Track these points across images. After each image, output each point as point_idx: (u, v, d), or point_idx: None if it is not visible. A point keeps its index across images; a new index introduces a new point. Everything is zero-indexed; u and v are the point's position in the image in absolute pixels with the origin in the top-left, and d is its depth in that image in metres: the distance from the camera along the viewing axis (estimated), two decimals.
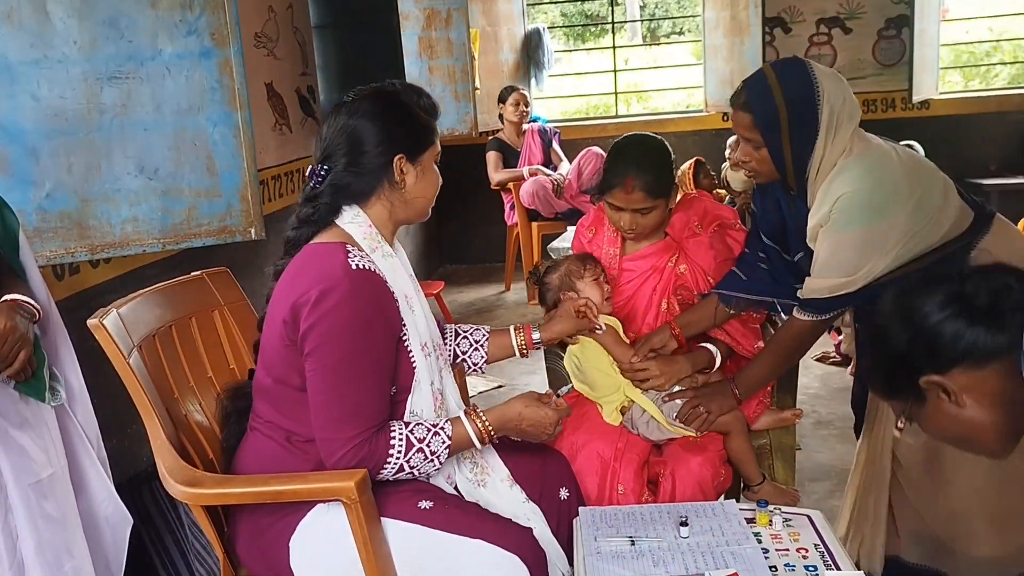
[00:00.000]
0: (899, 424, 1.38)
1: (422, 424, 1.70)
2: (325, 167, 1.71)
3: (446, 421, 1.72)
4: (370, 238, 1.71)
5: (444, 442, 1.68)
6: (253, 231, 2.43)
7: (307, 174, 1.74)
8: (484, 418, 1.74)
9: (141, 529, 2.32)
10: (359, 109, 1.70)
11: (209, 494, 1.68)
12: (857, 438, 2.12)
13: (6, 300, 1.64)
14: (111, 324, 1.69)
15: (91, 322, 1.68)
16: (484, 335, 2.08)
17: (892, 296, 1.33)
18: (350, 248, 1.64)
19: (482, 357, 2.07)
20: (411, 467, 1.66)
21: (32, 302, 1.68)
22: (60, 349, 1.81)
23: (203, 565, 2.49)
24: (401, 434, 1.66)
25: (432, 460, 1.67)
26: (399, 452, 1.64)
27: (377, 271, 1.65)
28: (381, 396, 1.66)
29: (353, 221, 1.71)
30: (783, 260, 2.10)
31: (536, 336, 2.06)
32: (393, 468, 1.65)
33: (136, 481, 2.43)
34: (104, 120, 2.21)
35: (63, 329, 1.83)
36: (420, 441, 1.66)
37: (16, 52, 2.11)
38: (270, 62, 3.77)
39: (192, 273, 2.04)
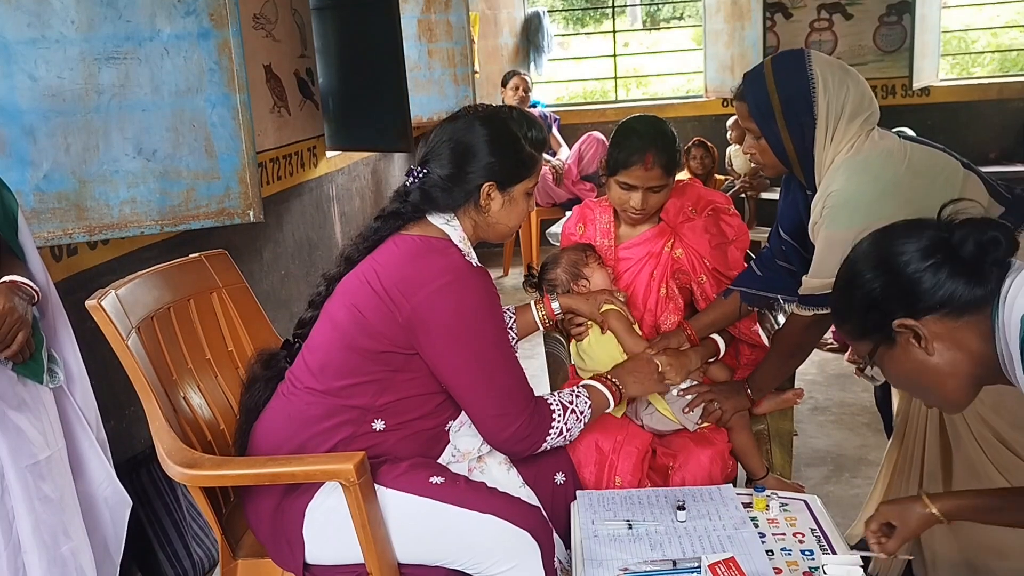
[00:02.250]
0: (862, 367, 1.37)
1: (563, 391, 1.85)
2: (424, 170, 1.76)
3: (580, 386, 1.88)
4: (463, 243, 1.76)
5: (586, 402, 1.83)
6: (252, 214, 2.42)
7: (406, 172, 1.80)
8: (611, 377, 1.91)
9: (139, 511, 2.33)
10: (470, 127, 1.75)
11: (208, 476, 1.67)
12: (888, 438, 2.12)
13: (5, 281, 1.63)
14: (109, 306, 1.69)
15: (89, 303, 1.67)
16: (511, 316, 2.13)
17: (874, 237, 1.32)
18: (459, 246, 1.73)
19: (514, 338, 2.12)
20: (567, 430, 1.78)
21: (31, 283, 1.68)
22: (59, 331, 1.81)
23: (201, 546, 2.51)
24: (556, 400, 1.80)
25: (580, 421, 1.81)
26: (559, 416, 1.77)
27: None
28: (523, 373, 1.77)
29: (449, 224, 1.77)
30: (801, 256, 2.10)
31: (555, 305, 2.13)
32: (556, 432, 1.76)
33: (134, 463, 2.43)
34: (102, 101, 2.20)
35: (62, 311, 1.83)
36: (571, 404, 1.80)
37: (13, 31, 2.09)
38: (269, 44, 3.74)
39: (190, 255, 2.04)
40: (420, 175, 1.76)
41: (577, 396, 1.83)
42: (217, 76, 2.31)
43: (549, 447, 1.77)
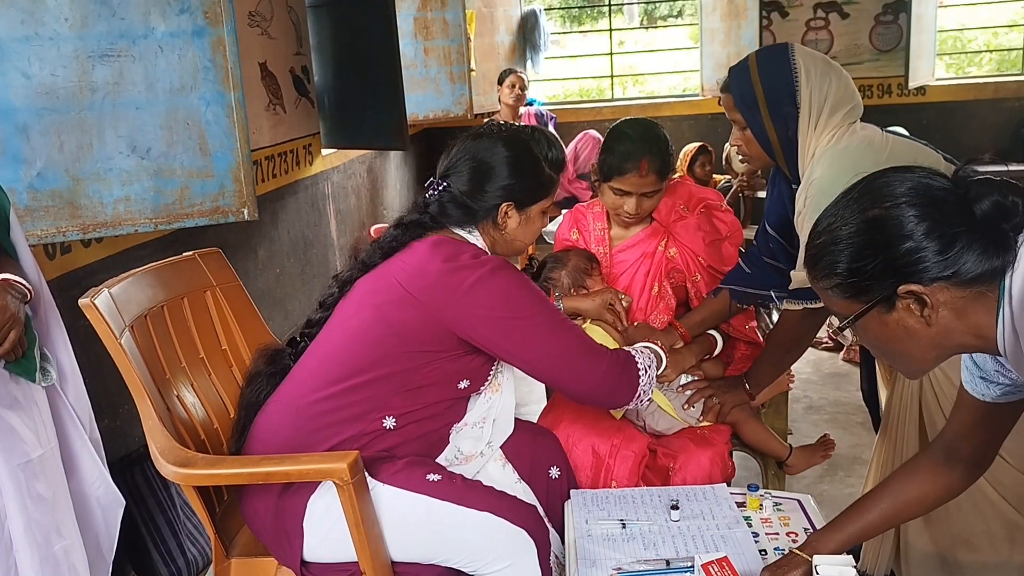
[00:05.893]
0: (835, 331, 1.30)
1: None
2: (444, 184, 1.79)
3: (642, 345, 1.92)
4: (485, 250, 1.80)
5: (652, 356, 1.87)
6: (246, 212, 2.42)
7: (426, 183, 1.83)
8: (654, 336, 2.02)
9: (133, 509, 2.33)
10: (491, 147, 1.79)
11: (201, 475, 1.67)
12: (875, 432, 2.13)
13: None
14: (103, 304, 1.68)
15: (83, 302, 1.67)
16: None
17: (874, 194, 1.18)
18: (484, 249, 1.79)
19: None
20: (650, 381, 1.81)
21: (23, 282, 1.67)
22: (51, 329, 1.80)
23: (195, 545, 2.50)
24: (635, 349, 1.84)
25: (653, 376, 1.83)
26: (642, 365, 1.80)
27: None
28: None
29: (470, 235, 1.81)
30: (787, 253, 2.10)
31: (560, 307, 2.13)
32: (644, 380, 1.79)
33: (128, 461, 2.43)
34: (96, 98, 2.19)
35: (54, 309, 1.82)
36: (645, 353, 1.84)
37: (6, 29, 2.09)
38: (264, 41, 3.74)
39: (184, 254, 2.03)
40: (440, 188, 1.79)
41: (642, 351, 1.86)
42: (211, 74, 2.30)
43: (644, 391, 1.79)
